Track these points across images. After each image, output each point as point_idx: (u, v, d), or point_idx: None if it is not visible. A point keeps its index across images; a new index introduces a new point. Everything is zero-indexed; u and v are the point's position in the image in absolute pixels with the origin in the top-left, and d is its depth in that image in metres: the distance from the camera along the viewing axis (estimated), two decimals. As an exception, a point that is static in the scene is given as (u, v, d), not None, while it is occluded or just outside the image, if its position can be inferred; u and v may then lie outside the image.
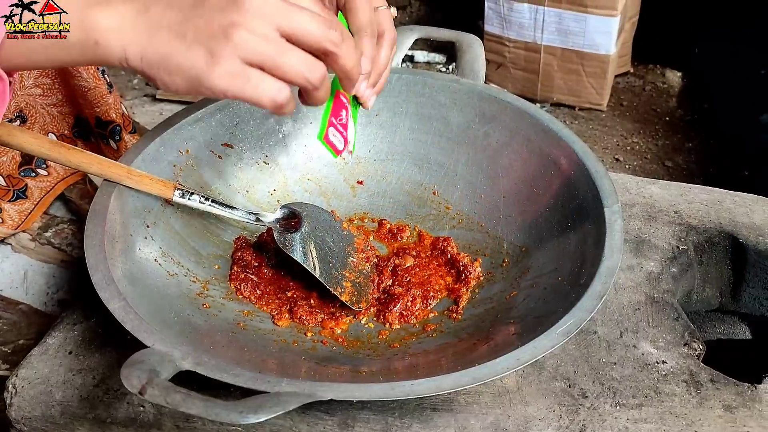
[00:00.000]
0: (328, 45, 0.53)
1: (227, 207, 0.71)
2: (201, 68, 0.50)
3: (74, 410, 0.64)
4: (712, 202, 0.84)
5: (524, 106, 0.80)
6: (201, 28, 0.50)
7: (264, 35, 0.50)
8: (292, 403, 0.50)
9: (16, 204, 0.79)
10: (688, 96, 2.24)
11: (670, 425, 0.61)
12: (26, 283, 0.82)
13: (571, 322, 0.58)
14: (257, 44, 0.50)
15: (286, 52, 0.51)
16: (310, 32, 0.52)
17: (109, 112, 0.85)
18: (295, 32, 0.52)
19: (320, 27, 0.52)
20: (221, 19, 0.50)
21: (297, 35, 0.52)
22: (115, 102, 0.86)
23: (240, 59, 0.50)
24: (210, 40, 0.50)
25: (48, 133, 0.81)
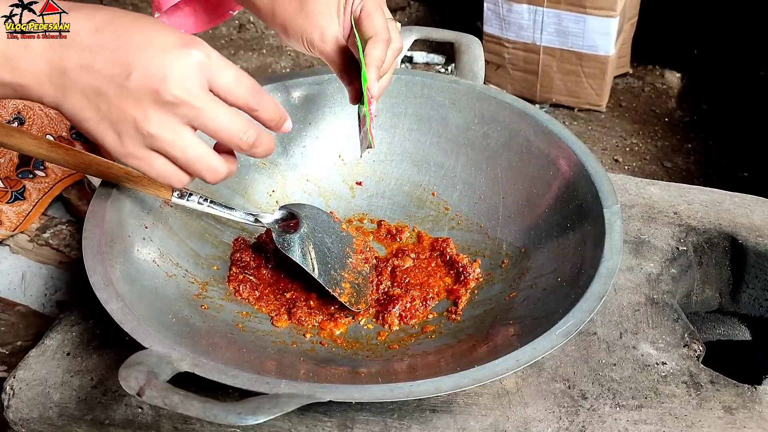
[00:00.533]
0: (236, 148, 0.56)
1: (226, 208, 0.71)
2: (109, 144, 0.52)
3: (72, 412, 0.64)
4: (711, 202, 0.84)
5: (523, 106, 0.80)
6: (113, 108, 0.51)
7: (171, 133, 0.52)
8: (290, 404, 0.50)
9: (14, 205, 0.79)
10: (687, 97, 2.24)
11: (670, 426, 0.61)
12: (24, 285, 0.82)
13: (571, 323, 0.58)
14: (162, 143, 0.52)
15: (191, 147, 0.53)
16: (222, 136, 0.54)
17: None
18: (207, 133, 0.53)
19: (232, 131, 0.54)
20: (133, 108, 0.51)
21: (208, 135, 0.53)
22: None
23: (146, 147, 0.52)
24: (120, 123, 0.51)
25: (46, 134, 0.81)
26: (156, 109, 0.50)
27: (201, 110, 0.52)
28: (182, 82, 0.50)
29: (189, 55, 0.51)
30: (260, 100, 0.55)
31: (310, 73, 0.85)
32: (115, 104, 0.51)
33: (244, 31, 2.63)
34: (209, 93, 0.52)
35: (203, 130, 0.53)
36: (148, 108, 0.50)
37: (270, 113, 0.57)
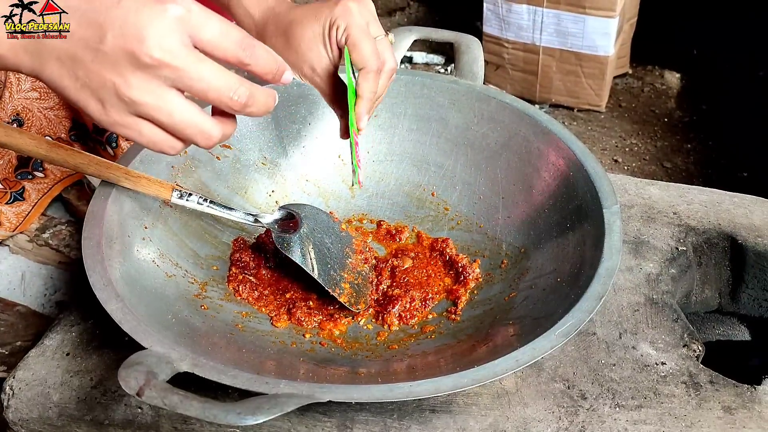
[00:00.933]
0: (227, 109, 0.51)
1: (225, 208, 0.71)
2: (93, 113, 0.49)
3: (72, 412, 0.64)
4: (711, 203, 0.84)
5: (523, 107, 0.80)
6: (92, 73, 0.47)
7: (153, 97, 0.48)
8: (290, 404, 0.50)
9: (14, 206, 0.79)
10: (686, 97, 2.24)
11: (670, 426, 0.61)
12: (24, 285, 0.82)
13: (570, 324, 0.58)
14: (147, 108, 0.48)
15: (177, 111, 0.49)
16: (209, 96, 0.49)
17: None
18: (192, 94, 0.49)
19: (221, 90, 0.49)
20: (111, 73, 0.47)
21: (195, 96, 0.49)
22: None
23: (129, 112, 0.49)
24: (100, 89, 0.48)
25: (45, 136, 0.81)
26: (136, 72, 0.47)
27: (184, 70, 0.47)
28: (161, 41, 0.46)
29: (165, 10, 0.46)
30: (251, 53, 0.50)
31: (310, 74, 0.84)
32: (92, 70, 0.47)
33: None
34: (193, 50, 0.48)
35: (189, 92, 0.49)
36: (127, 72, 0.47)
37: (264, 65, 0.51)
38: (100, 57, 0.47)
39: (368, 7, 0.68)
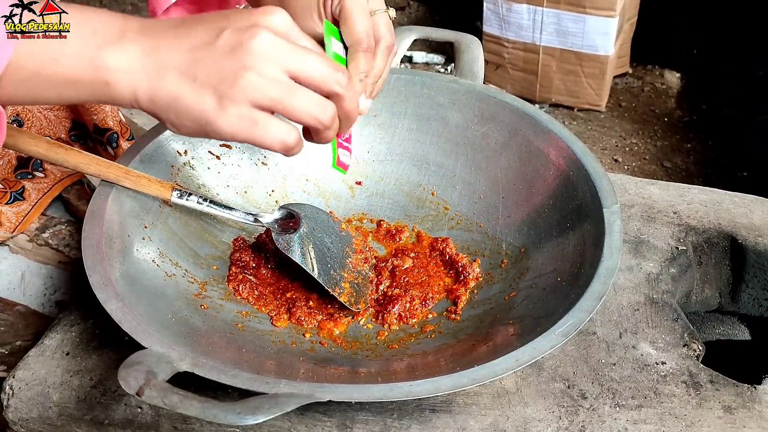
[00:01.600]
0: (335, 87, 0.53)
1: (225, 208, 0.71)
2: (209, 112, 0.50)
3: (71, 412, 0.64)
4: (711, 202, 0.84)
5: (523, 106, 0.80)
6: (210, 70, 0.50)
7: (273, 78, 0.50)
8: (290, 404, 0.50)
9: (14, 206, 0.79)
10: (686, 97, 2.24)
11: (670, 426, 0.61)
12: (24, 284, 0.82)
13: (570, 323, 0.58)
14: (267, 88, 0.50)
15: (296, 93, 0.51)
16: (319, 73, 0.52)
17: (107, 120, 0.85)
18: (304, 74, 0.52)
19: (329, 69, 0.52)
20: (230, 62, 0.50)
21: (306, 77, 0.52)
22: (112, 110, 0.86)
23: (249, 103, 0.50)
24: (219, 83, 0.50)
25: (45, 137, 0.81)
26: (252, 56, 0.50)
27: (295, 51, 0.51)
28: (273, 28, 0.51)
29: (275, 10, 0.52)
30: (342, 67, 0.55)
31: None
32: (210, 64, 0.50)
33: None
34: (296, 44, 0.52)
35: (299, 71, 0.51)
36: (244, 58, 0.50)
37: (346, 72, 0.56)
38: (218, 51, 0.50)
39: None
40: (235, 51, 0.50)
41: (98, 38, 0.50)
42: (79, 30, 0.50)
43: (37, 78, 0.50)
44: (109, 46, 0.50)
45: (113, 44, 0.50)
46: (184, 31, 0.51)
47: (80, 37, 0.50)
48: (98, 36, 0.50)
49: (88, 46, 0.50)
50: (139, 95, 0.51)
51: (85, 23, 0.50)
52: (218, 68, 0.50)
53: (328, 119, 0.54)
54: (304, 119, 0.53)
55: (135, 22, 0.52)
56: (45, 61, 0.50)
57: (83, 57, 0.50)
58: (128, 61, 0.50)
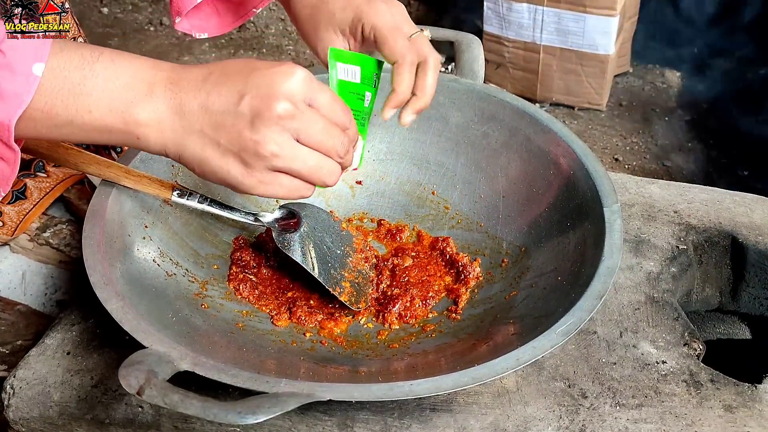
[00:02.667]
0: (333, 156, 0.58)
1: (226, 207, 0.71)
2: (235, 177, 0.55)
3: (72, 411, 0.64)
4: (711, 201, 0.84)
5: (523, 105, 0.80)
6: (233, 137, 0.54)
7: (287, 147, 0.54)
8: (290, 403, 0.50)
9: (15, 205, 0.79)
10: (687, 96, 2.23)
11: (670, 425, 0.61)
12: (24, 284, 0.82)
13: (571, 322, 0.58)
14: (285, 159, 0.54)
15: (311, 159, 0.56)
16: (323, 146, 0.56)
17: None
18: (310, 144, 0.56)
19: (332, 141, 0.56)
20: (251, 132, 0.53)
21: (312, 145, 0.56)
22: None
23: (268, 168, 0.55)
24: (242, 151, 0.54)
25: None
26: (270, 127, 0.53)
27: (308, 122, 0.54)
28: (289, 95, 0.53)
29: (294, 72, 0.54)
30: (349, 119, 0.59)
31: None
32: (233, 133, 0.53)
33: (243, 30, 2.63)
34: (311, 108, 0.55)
35: (307, 141, 0.55)
36: (263, 128, 0.53)
37: (354, 132, 0.60)
38: (239, 118, 0.53)
39: (399, 8, 0.70)
40: (255, 122, 0.53)
41: (129, 93, 0.53)
42: (111, 83, 0.53)
43: (70, 125, 0.53)
44: (140, 102, 0.54)
45: (143, 101, 0.54)
46: (206, 90, 0.54)
47: (113, 91, 0.53)
48: (129, 91, 0.53)
49: (120, 101, 0.53)
50: (168, 151, 0.55)
51: (118, 76, 0.53)
52: (240, 138, 0.53)
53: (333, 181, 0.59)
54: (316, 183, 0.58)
55: (163, 73, 0.55)
56: (79, 111, 0.53)
57: (115, 111, 0.53)
58: (157, 118, 0.54)
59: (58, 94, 0.52)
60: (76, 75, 0.52)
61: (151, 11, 2.75)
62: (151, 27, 2.67)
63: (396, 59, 0.67)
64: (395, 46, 0.66)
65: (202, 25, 0.84)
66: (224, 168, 0.55)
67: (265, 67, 0.54)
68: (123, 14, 2.73)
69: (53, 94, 0.52)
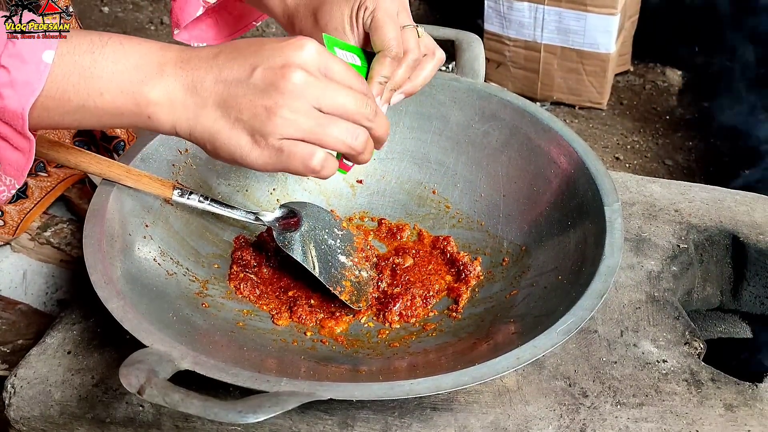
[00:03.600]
0: (363, 120, 0.56)
1: (226, 206, 0.71)
2: (243, 149, 0.54)
3: (73, 410, 0.64)
4: (712, 200, 0.83)
5: (524, 104, 0.80)
6: (244, 106, 0.53)
7: (304, 112, 0.53)
8: (291, 402, 0.50)
9: (17, 204, 0.79)
10: (688, 94, 2.23)
11: (671, 424, 0.61)
12: (25, 283, 0.82)
13: (572, 321, 0.58)
14: (298, 123, 0.53)
15: (327, 125, 0.54)
16: (347, 109, 0.55)
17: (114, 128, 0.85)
18: (333, 110, 0.55)
19: (356, 103, 0.55)
20: (263, 99, 0.53)
21: (335, 112, 0.55)
22: None
23: (280, 136, 0.53)
24: (252, 119, 0.53)
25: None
26: (284, 95, 0.52)
27: (326, 88, 0.54)
28: (304, 65, 0.53)
29: (305, 45, 0.54)
30: (368, 88, 0.58)
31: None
32: (244, 102, 0.53)
33: (244, 29, 2.63)
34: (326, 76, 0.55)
35: (330, 107, 0.54)
36: (276, 96, 0.52)
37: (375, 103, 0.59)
38: (252, 88, 0.53)
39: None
40: (268, 90, 0.53)
41: (140, 73, 0.53)
42: (121, 65, 0.53)
43: (82, 110, 0.53)
44: (150, 81, 0.53)
45: (154, 80, 0.53)
46: (218, 66, 0.54)
47: (123, 72, 0.53)
48: (140, 71, 0.53)
49: (131, 82, 0.53)
50: (179, 129, 0.55)
51: (127, 57, 0.53)
52: (252, 106, 0.53)
53: (360, 145, 0.57)
54: (337, 147, 0.56)
55: (172, 53, 0.54)
56: (90, 95, 0.53)
57: (126, 92, 0.53)
58: (168, 96, 0.54)
59: (69, 78, 0.52)
60: (86, 59, 0.52)
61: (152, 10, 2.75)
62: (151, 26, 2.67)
63: (382, 48, 0.65)
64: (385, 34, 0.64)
65: (200, 35, 0.84)
66: (234, 139, 0.54)
67: (275, 41, 0.54)
68: (124, 13, 2.73)
69: (64, 80, 0.52)
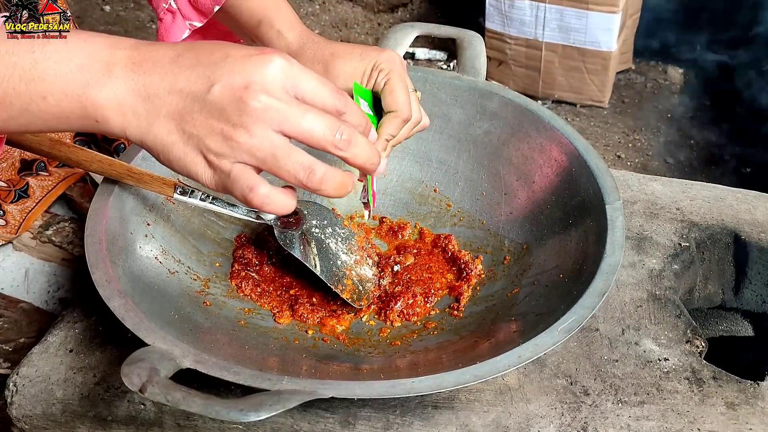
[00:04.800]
0: (333, 150, 0.51)
1: (228, 205, 0.71)
2: (197, 166, 0.50)
3: (75, 408, 0.64)
4: (714, 198, 0.83)
5: (525, 103, 0.80)
6: (199, 124, 0.49)
7: (261, 139, 0.49)
8: (293, 401, 0.50)
9: (18, 204, 0.79)
10: (689, 93, 2.23)
11: (672, 422, 0.61)
12: (27, 282, 0.82)
13: (573, 320, 0.58)
14: (252, 150, 0.49)
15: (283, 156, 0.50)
16: (313, 135, 0.50)
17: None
18: (297, 135, 0.50)
19: (324, 129, 0.50)
20: (219, 121, 0.48)
21: (300, 139, 0.50)
22: None
23: (235, 160, 0.49)
24: (207, 138, 0.49)
25: None
26: (242, 117, 0.48)
27: (290, 113, 0.49)
28: (266, 86, 0.48)
29: (270, 61, 0.49)
30: (345, 102, 0.52)
31: (312, 70, 0.84)
32: (199, 120, 0.49)
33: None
34: (294, 98, 0.50)
35: (294, 133, 0.50)
36: (233, 118, 0.48)
37: (357, 118, 0.54)
38: (208, 106, 0.48)
39: (405, 64, 0.71)
40: (225, 111, 0.48)
41: (85, 75, 0.49)
42: (65, 66, 0.49)
43: (26, 114, 0.49)
44: (97, 83, 0.49)
45: (101, 82, 0.49)
46: (174, 73, 0.49)
47: (67, 74, 0.49)
48: (85, 72, 0.49)
49: (75, 84, 0.49)
50: (129, 134, 0.51)
51: (71, 57, 0.49)
52: (207, 125, 0.49)
53: (316, 180, 0.51)
54: (291, 180, 0.51)
55: (124, 52, 0.50)
56: (33, 99, 0.49)
57: (71, 96, 0.49)
58: (117, 101, 0.49)
59: (9, 81, 0.48)
60: (26, 60, 0.48)
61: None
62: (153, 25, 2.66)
63: (396, 109, 0.67)
64: (400, 97, 0.67)
65: None
66: (186, 157, 0.50)
67: (240, 52, 0.49)
68: (125, 12, 2.73)
69: (4, 82, 0.48)
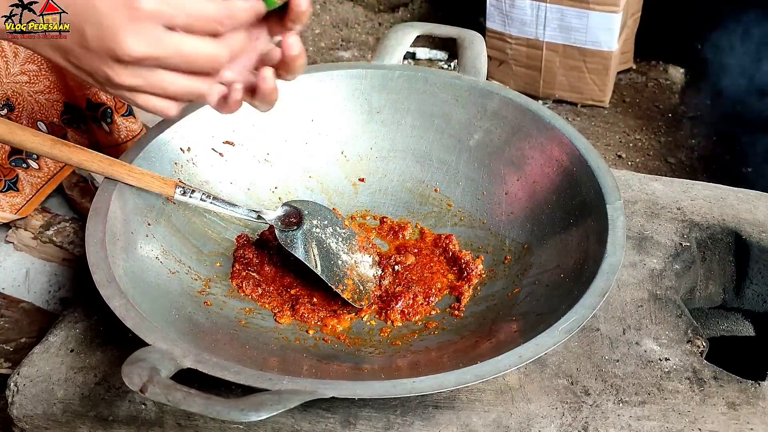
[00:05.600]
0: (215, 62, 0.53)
1: (228, 204, 0.71)
2: (94, 85, 0.53)
3: (76, 408, 0.64)
4: (715, 198, 0.83)
5: (526, 102, 0.80)
6: (84, 62, 0.51)
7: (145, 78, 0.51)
8: (293, 400, 0.50)
9: (8, 195, 0.78)
10: (690, 92, 2.23)
11: (673, 422, 0.61)
12: (28, 282, 0.82)
13: (574, 320, 0.58)
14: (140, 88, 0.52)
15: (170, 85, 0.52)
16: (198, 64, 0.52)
17: (99, 94, 0.84)
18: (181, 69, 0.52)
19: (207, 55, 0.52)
20: (103, 65, 0.50)
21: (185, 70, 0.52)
22: None
23: (126, 90, 0.52)
24: (94, 74, 0.52)
25: (37, 121, 0.80)
26: (121, 66, 0.50)
27: (166, 57, 0.50)
28: (137, 38, 0.48)
29: (138, 8, 0.48)
30: (230, 12, 0.51)
31: (312, 70, 0.84)
32: (84, 60, 0.51)
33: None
34: (171, 35, 0.50)
35: (178, 71, 0.52)
36: (114, 65, 0.50)
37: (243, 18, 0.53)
38: (89, 54, 0.50)
39: None
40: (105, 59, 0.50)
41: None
42: None
43: None
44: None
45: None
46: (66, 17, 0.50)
47: None
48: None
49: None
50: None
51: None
52: (90, 64, 0.51)
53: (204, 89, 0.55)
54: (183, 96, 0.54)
55: None
56: None
57: None
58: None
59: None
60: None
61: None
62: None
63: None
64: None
65: None
66: (82, 79, 0.53)
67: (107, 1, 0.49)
68: None
69: None
